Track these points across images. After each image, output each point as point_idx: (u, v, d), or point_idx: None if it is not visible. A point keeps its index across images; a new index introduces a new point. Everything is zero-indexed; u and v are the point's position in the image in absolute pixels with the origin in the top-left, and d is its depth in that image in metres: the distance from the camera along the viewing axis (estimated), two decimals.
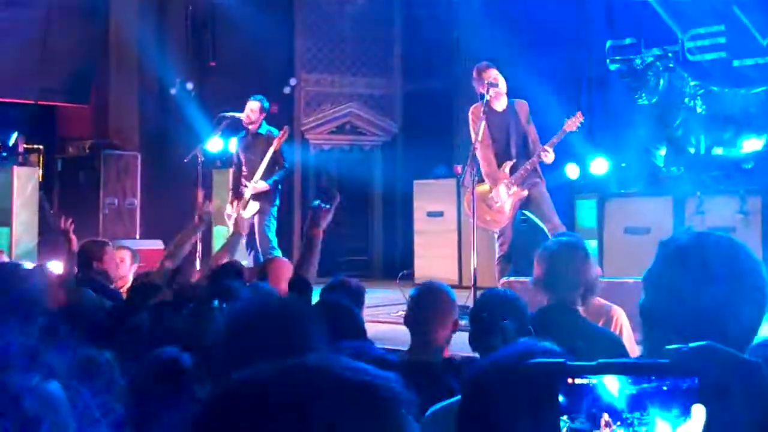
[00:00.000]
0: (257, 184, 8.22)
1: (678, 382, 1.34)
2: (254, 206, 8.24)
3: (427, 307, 3.44)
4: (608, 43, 10.22)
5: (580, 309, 3.56)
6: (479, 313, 3.38)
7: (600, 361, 1.35)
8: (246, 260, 7.94)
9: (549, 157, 7.05)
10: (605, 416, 1.31)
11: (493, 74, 7.05)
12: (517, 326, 3.18)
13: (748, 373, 1.42)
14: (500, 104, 7.17)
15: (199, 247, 8.54)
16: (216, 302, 3.41)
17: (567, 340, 2.74)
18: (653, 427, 1.32)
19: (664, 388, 1.33)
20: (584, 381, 1.32)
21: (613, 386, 1.32)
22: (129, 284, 5.35)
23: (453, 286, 3.95)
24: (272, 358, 1.06)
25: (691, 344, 1.41)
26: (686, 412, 1.33)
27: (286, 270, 4.52)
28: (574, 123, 7.02)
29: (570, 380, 1.32)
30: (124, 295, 4.67)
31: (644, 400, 1.32)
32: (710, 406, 1.32)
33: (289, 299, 2.37)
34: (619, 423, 1.31)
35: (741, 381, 1.38)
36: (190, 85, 11.63)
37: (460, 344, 3.61)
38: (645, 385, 1.33)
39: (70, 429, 2.13)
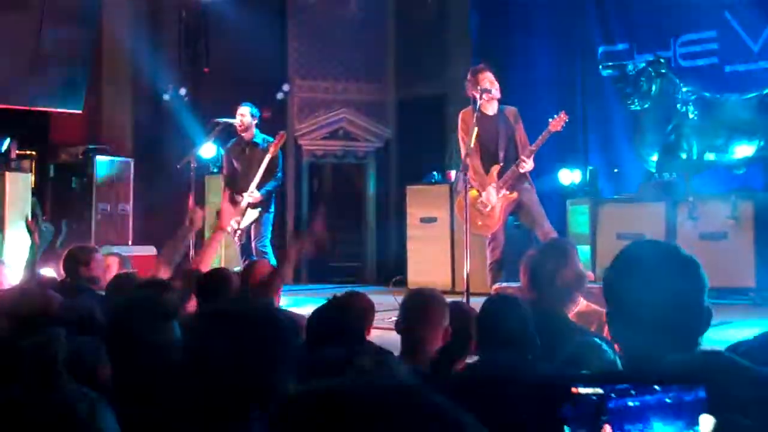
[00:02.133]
0: (253, 193, 8.21)
1: (681, 394, 1.32)
2: (252, 214, 8.25)
3: (418, 314, 3.44)
4: (600, 49, 10.24)
5: (570, 314, 3.56)
6: (485, 320, 3.34)
7: (603, 371, 1.33)
8: (239, 267, 7.93)
9: (526, 166, 7.05)
10: (606, 428, 1.28)
11: (489, 77, 7.05)
12: (522, 331, 3.15)
13: (761, 384, 1.38)
14: (491, 109, 7.18)
15: (192, 253, 8.54)
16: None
17: (556, 345, 2.75)
18: None
19: (668, 400, 1.31)
20: (588, 391, 1.31)
21: (616, 397, 1.30)
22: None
23: (446, 292, 3.96)
24: (244, 365, 1.07)
25: (698, 351, 1.38)
26: (690, 425, 1.31)
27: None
28: (558, 123, 7.02)
29: (574, 390, 1.31)
30: None
31: (646, 412, 1.30)
32: (721, 417, 1.29)
33: (266, 309, 2.35)
34: None
35: (755, 392, 1.34)
36: (183, 91, 11.62)
37: None
38: (648, 397, 1.31)
39: None
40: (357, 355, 2.74)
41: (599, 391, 1.30)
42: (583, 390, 1.31)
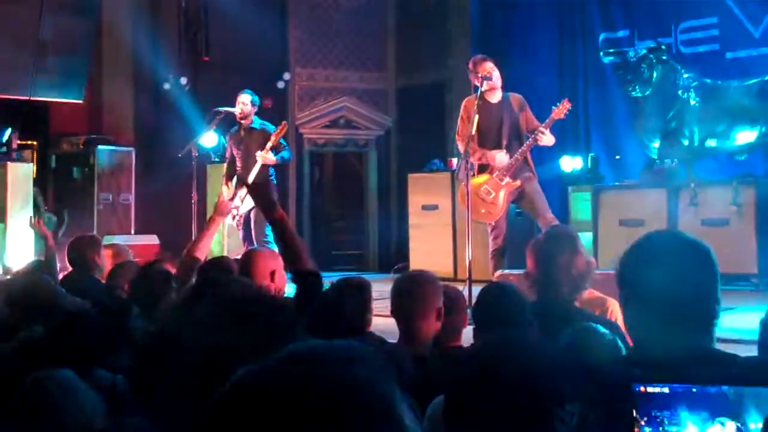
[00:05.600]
0: (268, 155, 8.17)
1: (707, 387, 1.34)
2: (251, 201, 8.23)
3: (409, 298, 3.40)
4: (602, 36, 10.23)
5: (575, 301, 3.56)
6: (482, 307, 3.34)
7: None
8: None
9: (545, 138, 6.98)
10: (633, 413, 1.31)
11: (488, 67, 7.06)
12: (520, 316, 3.15)
13: None
14: (495, 97, 7.18)
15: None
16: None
17: (565, 330, 2.76)
18: (683, 428, 1.32)
19: (694, 390, 1.34)
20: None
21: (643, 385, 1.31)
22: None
23: (448, 280, 3.96)
24: (247, 356, 1.03)
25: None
26: (712, 417, 1.33)
27: (269, 262, 4.29)
28: (561, 110, 7.00)
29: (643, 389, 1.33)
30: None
31: (674, 400, 1.32)
32: None
33: (266, 297, 2.34)
34: (646, 419, 1.32)
35: None
36: (183, 80, 11.60)
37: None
38: (676, 386, 1.34)
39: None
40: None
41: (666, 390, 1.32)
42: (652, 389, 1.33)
